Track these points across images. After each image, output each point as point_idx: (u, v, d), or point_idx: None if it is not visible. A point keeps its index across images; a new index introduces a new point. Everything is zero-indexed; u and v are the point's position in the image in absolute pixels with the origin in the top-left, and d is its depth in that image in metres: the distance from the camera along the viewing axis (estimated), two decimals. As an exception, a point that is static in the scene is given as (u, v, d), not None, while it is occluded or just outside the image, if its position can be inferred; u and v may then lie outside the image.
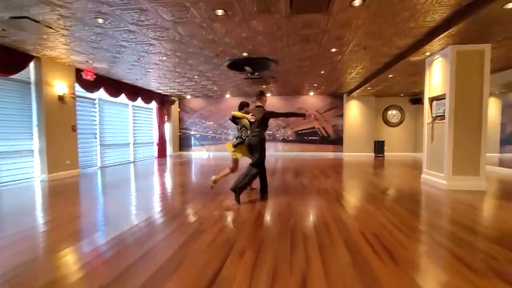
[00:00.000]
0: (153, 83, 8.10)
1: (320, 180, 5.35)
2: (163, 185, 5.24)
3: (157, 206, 3.56)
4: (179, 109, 11.57)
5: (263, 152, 3.82)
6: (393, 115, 10.62)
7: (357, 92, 9.20)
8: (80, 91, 6.47)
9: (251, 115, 3.76)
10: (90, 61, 5.66)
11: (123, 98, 8.00)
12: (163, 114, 10.42)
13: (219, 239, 2.42)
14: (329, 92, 10.14)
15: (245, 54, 5.25)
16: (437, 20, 3.70)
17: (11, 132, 5.11)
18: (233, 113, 3.96)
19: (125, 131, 8.51)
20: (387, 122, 10.68)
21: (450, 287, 1.69)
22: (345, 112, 10.42)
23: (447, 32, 3.80)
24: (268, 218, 3.02)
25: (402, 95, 10.12)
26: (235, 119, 4.00)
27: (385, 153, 10.30)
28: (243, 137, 3.96)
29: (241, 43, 4.67)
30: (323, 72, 6.85)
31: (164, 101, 10.25)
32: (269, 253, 2.13)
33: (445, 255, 2.11)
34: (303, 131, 10.96)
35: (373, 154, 10.29)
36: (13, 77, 5.06)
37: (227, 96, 10.99)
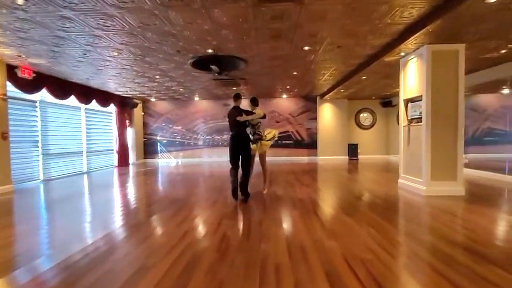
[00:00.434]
0: (109, 83, 7.21)
1: (295, 188, 4.92)
2: (119, 199, 4.47)
3: (105, 227, 2.85)
4: (143, 113, 10.63)
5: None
6: (365, 118, 10.64)
7: (330, 94, 9.03)
8: (15, 92, 5.46)
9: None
10: (23, 56, 4.74)
11: (73, 100, 7.01)
12: (124, 118, 9.46)
13: (167, 280, 1.83)
14: (302, 94, 9.89)
15: (210, 51, 4.70)
16: (414, 16, 3.45)
17: None
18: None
19: (76, 138, 7.48)
20: (359, 125, 10.68)
21: None
22: (319, 115, 10.24)
23: (424, 29, 3.57)
24: (234, 242, 2.48)
25: (373, 98, 10.17)
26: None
27: (359, 156, 10.26)
28: (260, 133, 4.30)
29: (204, 38, 4.11)
30: (295, 73, 6.50)
31: (124, 104, 9.30)
32: (230, 304, 1.59)
33: (446, 286, 1.72)
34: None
35: (347, 157, 10.20)
36: None
37: (196, 98, 10.31)
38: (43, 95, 6.29)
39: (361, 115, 10.66)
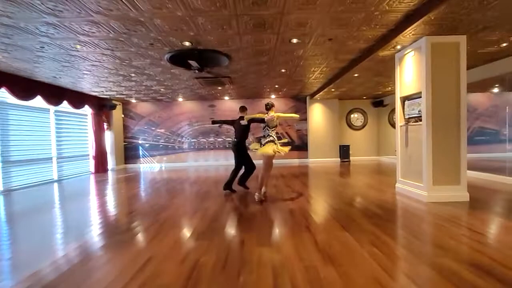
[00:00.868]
0: (81, 82, 6.57)
1: (284, 196, 4.45)
2: (82, 213, 3.87)
3: (47, 254, 2.28)
4: (123, 115, 9.96)
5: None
6: (356, 118, 10.32)
7: (321, 94, 8.65)
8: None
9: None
10: (-32, 49, 4.10)
11: (40, 101, 6.34)
12: (102, 121, 8.78)
13: None
14: (292, 94, 9.48)
15: (187, 43, 4.19)
16: (415, 1, 3.06)
17: None
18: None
19: (44, 143, 6.78)
20: (350, 125, 10.35)
21: None
22: (309, 116, 9.84)
23: (426, 17, 3.18)
24: (206, 273, 1.97)
25: (364, 97, 9.86)
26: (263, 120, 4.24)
27: (351, 158, 9.91)
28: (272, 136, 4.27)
29: (179, 27, 3.60)
30: (284, 70, 6.05)
31: (101, 106, 8.62)
32: None
33: None
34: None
35: (339, 159, 9.83)
36: None
37: (180, 99, 9.73)
38: (3, 95, 5.61)
39: (352, 115, 10.34)
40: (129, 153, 10.06)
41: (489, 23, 3.47)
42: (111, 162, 9.39)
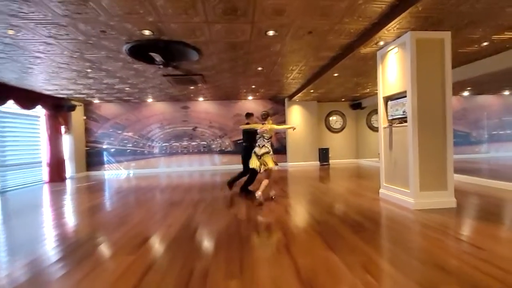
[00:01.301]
0: (29, 79, 5.70)
1: (261, 207, 3.97)
2: (34, 230, 3.11)
3: None
4: (84, 117, 9.01)
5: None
6: (335, 120, 10.16)
7: (299, 95, 8.34)
8: None
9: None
10: None
11: (-25, 100, 5.39)
12: (58, 123, 7.82)
13: None
14: (269, 96, 9.09)
15: (148, 32, 3.61)
16: (402, -12, 2.75)
17: None
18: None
19: (-17, 149, 5.79)
20: (329, 128, 10.16)
21: None
22: (287, 118, 9.50)
23: (413, 7, 2.89)
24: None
25: (343, 99, 9.72)
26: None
27: (330, 161, 9.69)
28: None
29: (133, 10, 3.03)
30: (260, 68, 5.62)
31: (58, 106, 7.66)
32: None
33: None
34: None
35: (318, 162, 9.57)
36: None
37: (149, 100, 8.98)
38: None
39: (331, 118, 10.16)
40: (92, 159, 9.10)
41: (476, 16, 3.26)
42: (70, 169, 8.40)
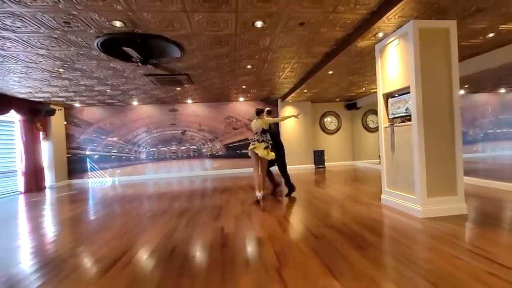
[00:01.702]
0: (1, 82, 5.20)
1: (251, 217, 3.56)
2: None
3: None
4: (65, 122, 8.48)
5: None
6: (330, 122, 9.83)
7: (292, 96, 7.98)
8: None
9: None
10: None
11: None
12: (35, 129, 7.29)
13: None
14: (262, 97, 8.71)
15: (119, 24, 3.19)
16: (406, -34, 2.40)
17: None
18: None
19: None
20: (324, 129, 9.82)
21: None
22: (281, 120, 9.11)
23: (418, -11, 2.55)
24: None
25: (337, 100, 9.40)
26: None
27: (326, 163, 9.34)
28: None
29: (97, -4, 2.61)
30: (250, 66, 5.24)
31: (34, 111, 7.14)
32: None
33: None
34: (235, 144, 9.21)
35: (314, 165, 9.20)
36: None
37: (134, 103, 8.51)
38: None
39: (326, 119, 9.83)
40: (74, 167, 8.56)
41: (484, 3, 2.93)
42: (49, 178, 7.85)
